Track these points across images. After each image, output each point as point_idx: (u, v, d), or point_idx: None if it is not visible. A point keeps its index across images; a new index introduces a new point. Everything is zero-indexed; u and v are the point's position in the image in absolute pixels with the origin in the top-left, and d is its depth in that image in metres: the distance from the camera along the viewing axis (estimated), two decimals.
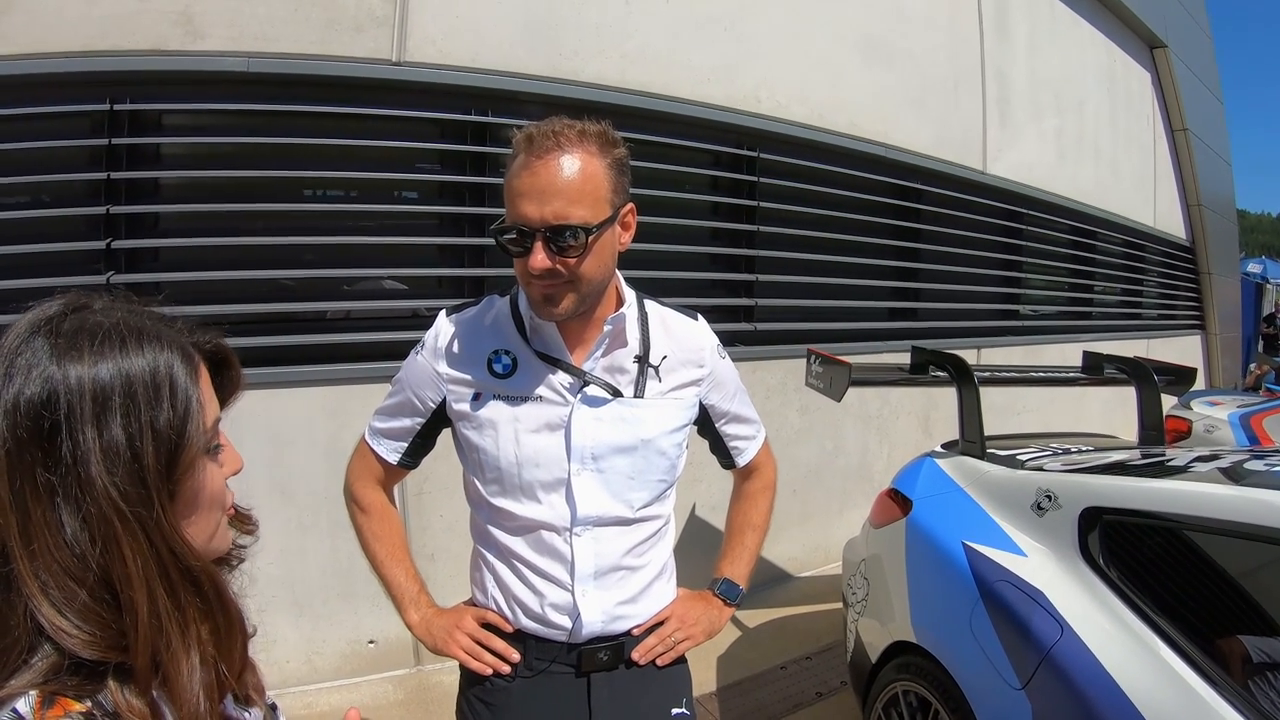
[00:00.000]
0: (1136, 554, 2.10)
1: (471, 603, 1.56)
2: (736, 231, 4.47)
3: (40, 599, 0.68)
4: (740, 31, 4.37)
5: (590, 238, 1.26)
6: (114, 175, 2.90)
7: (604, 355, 1.42)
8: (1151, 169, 9.44)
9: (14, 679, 0.67)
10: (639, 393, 1.44)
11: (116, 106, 2.88)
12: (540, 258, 1.25)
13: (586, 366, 1.41)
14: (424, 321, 3.40)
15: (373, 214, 3.40)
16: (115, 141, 2.90)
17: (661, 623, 1.54)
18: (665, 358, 1.48)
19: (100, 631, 0.69)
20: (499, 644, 1.46)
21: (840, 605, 3.25)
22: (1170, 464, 2.39)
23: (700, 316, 1.58)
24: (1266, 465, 2.18)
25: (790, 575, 4.74)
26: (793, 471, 4.63)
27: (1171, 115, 9.92)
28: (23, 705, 0.66)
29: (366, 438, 1.56)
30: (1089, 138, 7.88)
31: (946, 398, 5.69)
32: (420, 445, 1.54)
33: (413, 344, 1.50)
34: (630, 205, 1.35)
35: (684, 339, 1.52)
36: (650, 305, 1.52)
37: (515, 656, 1.45)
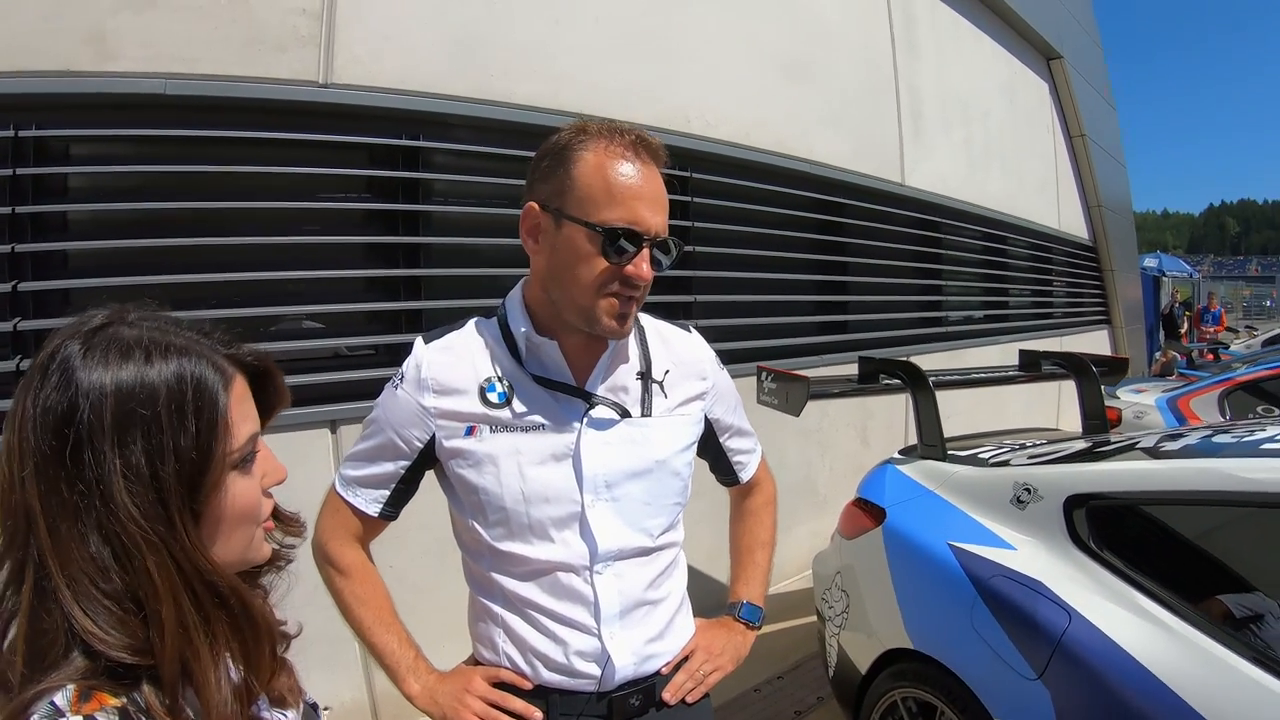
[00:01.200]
0: (1126, 534, 2.19)
1: (475, 661, 1.42)
2: None
3: (74, 606, 0.69)
4: (668, 51, 4.41)
5: (679, 253, 1.27)
6: (19, 209, 2.68)
7: (606, 375, 1.33)
8: (1054, 174, 9.92)
9: (52, 674, 0.68)
10: (646, 411, 1.35)
11: (21, 133, 2.67)
12: (648, 267, 1.21)
13: (589, 388, 1.32)
14: (347, 362, 3.34)
15: (300, 246, 3.23)
16: (20, 172, 2.68)
17: (686, 658, 1.44)
18: (668, 372, 1.40)
19: (131, 639, 0.70)
20: (517, 704, 1.31)
21: (807, 620, 3.24)
22: (1140, 446, 2.48)
23: (693, 328, 1.52)
24: (1234, 438, 2.29)
25: None
26: None
27: (1069, 122, 10.46)
28: (60, 699, 0.67)
29: (338, 489, 1.40)
30: (995, 147, 8.22)
31: (881, 408, 5.91)
32: (404, 492, 1.39)
33: (339, 386, 1.40)
34: None
35: (683, 352, 1.45)
36: (645, 319, 1.45)
37: (537, 716, 1.31)
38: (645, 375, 1.37)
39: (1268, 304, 47.38)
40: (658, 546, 1.37)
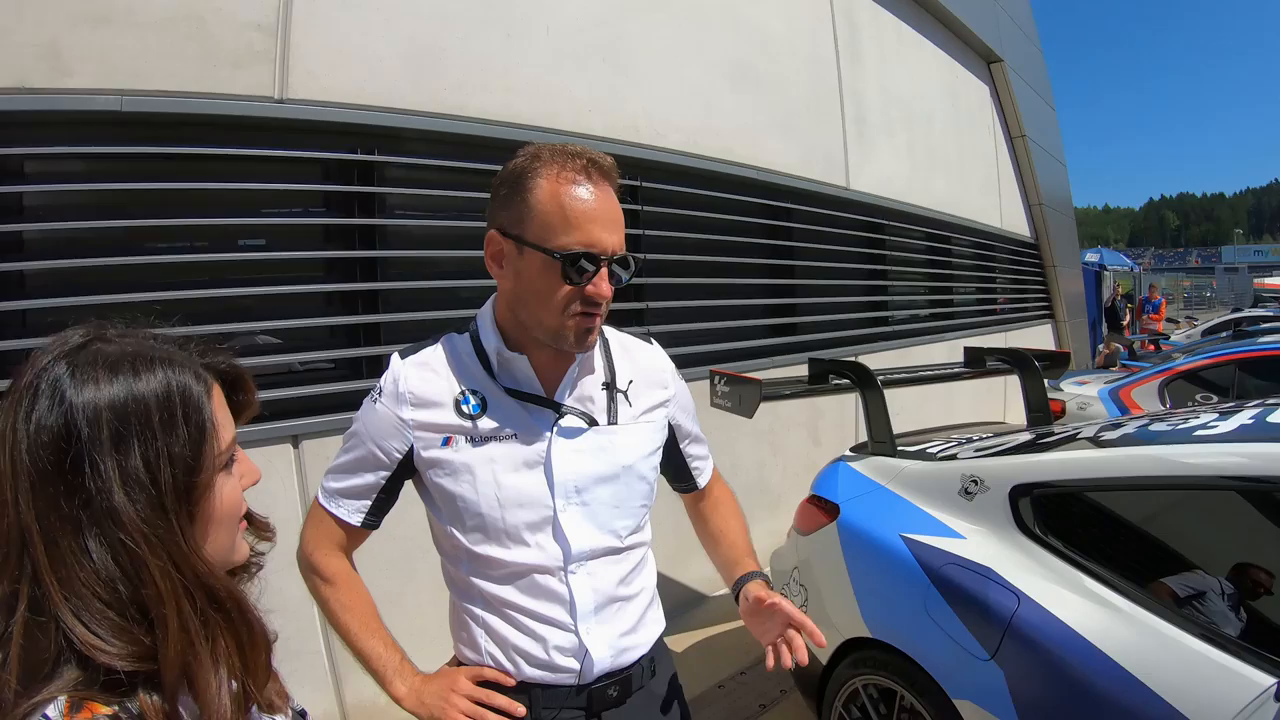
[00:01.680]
0: (1069, 519, 2.32)
1: (458, 662, 1.47)
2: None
3: (72, 621, 0.70)
4: (618, 62, 4.48)
5: (636, 268, 1.32)
6: None
7: (574, 386, 1.40)
8: (995, 174, 10.18)
9: (45, 687, 0.70)
10: (613, 419, 1.42)
11: None
12: (608, 285, 1.27)
13: (557, 398, 1.38)
14: (307, 377, 3.37)
15: (258, 262, 3.23)
16: None
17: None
18: (632, 382, 1.47)
19: (132, 646, 0.72)
20: (501, 700, 1.36)
21: None
22: (1082, 436, 2.62)
23: (654, 340, 1.58)
24: (1170, 425, 2.42)
25: (706, 595, 4.80)
26: None
27: (1010, 123, 10.74)
28: (52, 710, 0.68)
29: (321, 501, 1.44)
30: (938, 149, 8.43)
31: (830, 407, 6.05)
32: (385, 501, 1.44)
33: (300, 401, 1.43)
34: None
35: (645, 362, 1.51)
36: (608, 331, 1.51)
37: (520, 711, 1.35)
38: (610, 385, 1.43)
39: (1208, 294, 48.92)
40: (627, 546, 1.44)
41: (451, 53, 3.70)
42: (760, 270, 5.70)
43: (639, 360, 1.50)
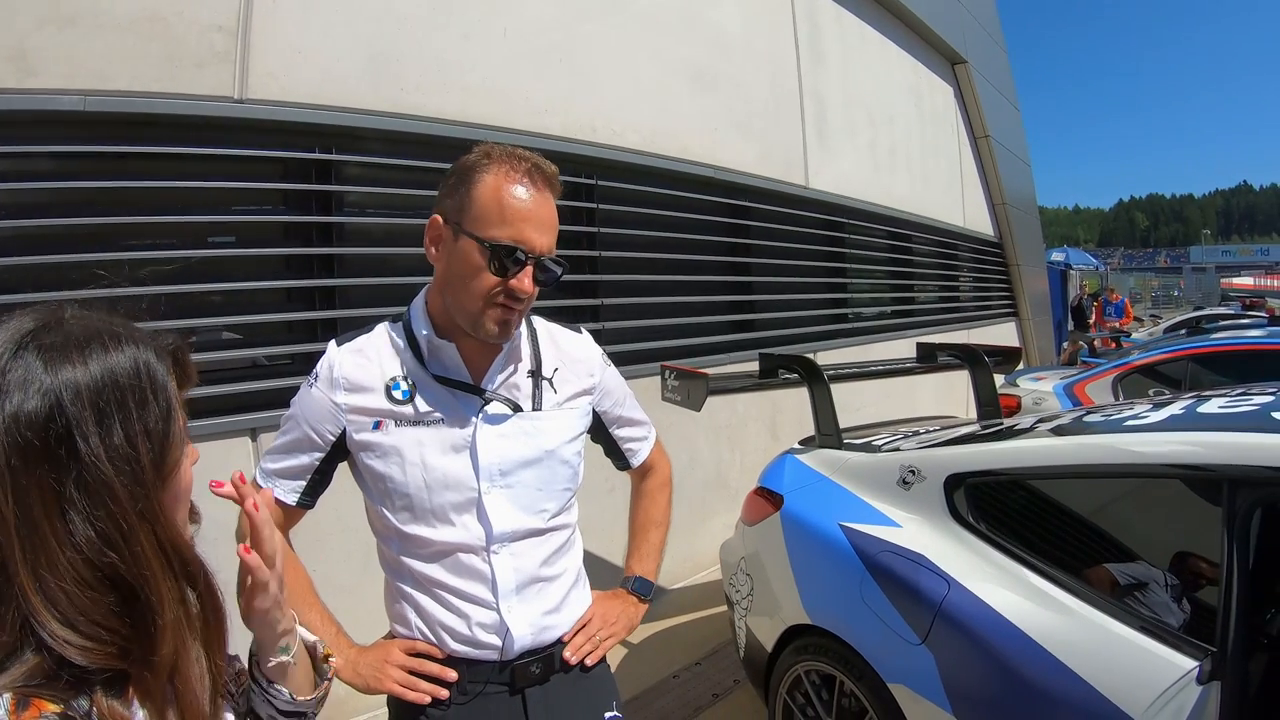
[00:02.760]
0: (1000, 508, 2.39)
1: (391, 637, 1.53)
2: (579, 258, 4.61)
3: (43, 613, 0.69)
4: (575, 63, 4.56)
5: (562, 272, 1.40)
6: None
7: (500, 373, 1.46)
8: (959, 174, 10.34)
9: None
10: (537, 405, 1.49)
11: None
12: (530, 282, 1.34)
13: (484, 385, 1.44)
14: (265, 371, 3.46)
15: (218, 259, 3.29)
16: None
17: (585, 625, 1.58)
18: (557, 370, 1.53)
19: (101, 644, 0.71)
20: (433, 668, 1.43)
21: (722, 609, 3.35)
22: (1017, 429, 2.69)
23: (584, 329, 1.65)
24: (1103, 417, 2.49)
25: (663, 588, 4.80)
26: None
27: (974, 124, 10.91)
28: None
29: (259, 481, 1.49)
30: (901, 149, 8.57)
31: (789, 401, 6.17)
32: (318, 482, 1.50)
33: (258, 395, 1.50)
34: None
35: (572, 351, 1.58)
36: (537, 321, 1.57)
37: (452, 676, 1.43)
38: (536, 373, 1.50)
39: (1175, 294, 49.62)
40: (550, 528, 1.50)
41: (409, 54, 3.76)
42: (718, 267, 5.79)
43: (565, 349, 1.58)
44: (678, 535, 5.05)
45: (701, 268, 5.58)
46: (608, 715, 1.58)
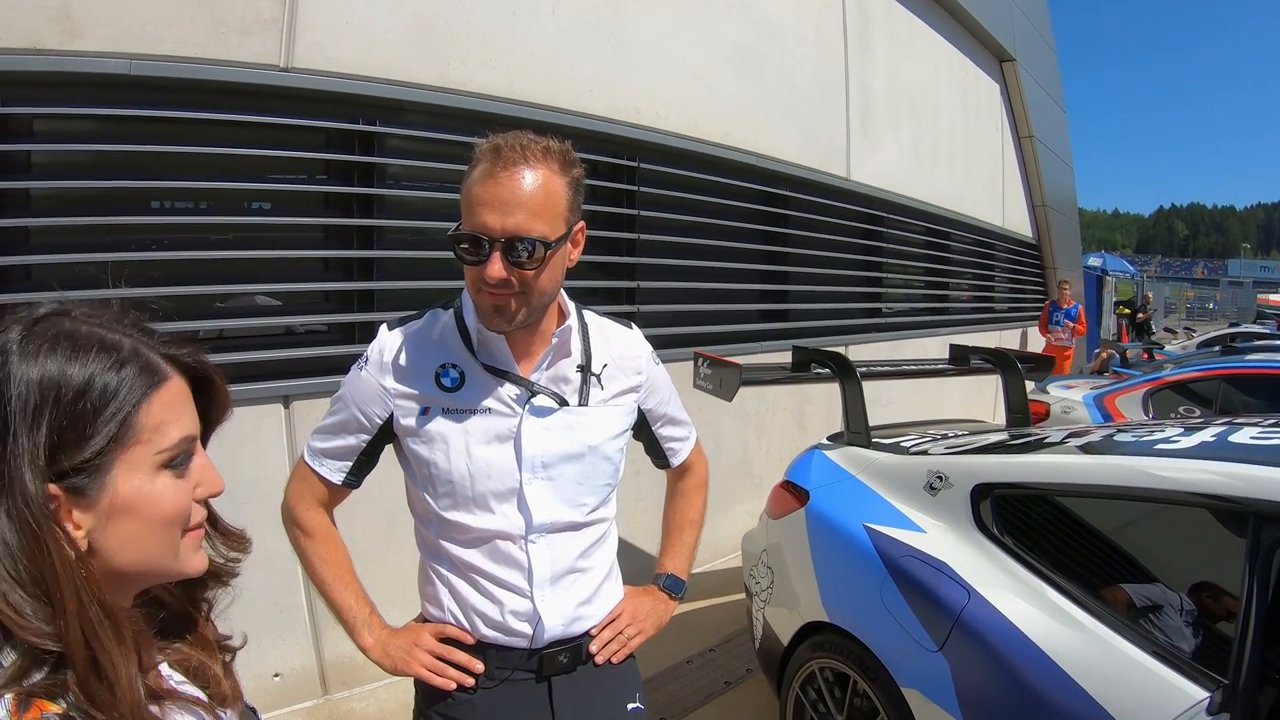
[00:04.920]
0: (1026, 521, 2.36)
1: (423, 619, 1.56)
2: (617, 240, 4.60)
3: None
4: (621, 43, 4.52)
5: (549, 252, 1.30)
6: None
7: (549, 366, 1.45)
8: (1000, 173, 10.20)
9: None
10: (584, 401, 1.48)
11: None
12: (497, 267, 1.28)
13: (533, 377, 1.44)
14: (301, 339, 3.47)
15: (257, 226, 3.31)
16: None
17: (613, 621, 1.58)
18: (606, 366, 1.52)
19: (44, 624, 0.70)
20: (461, 656, 1.45)
21: (739, 597, 3.34)
22: (1047, 441, 2.67)
23: (634, 325, 1.63)
24: (1134, 437, 2.46)
25: None
26: None
27: (1019, 123, 10.74)
28: (0, 709, 0.66)
29: (306, 459, 1.52)
30: (943, 145, 8.46)
31: (819, 393, 6.12)
32: (365, 463, 1.52)
33: (293, 363, 1.50)
34: (581, 223, 1.39)
35: (622, 348, 1.57)
36: (589, 316, 1.56)
37: (479, 667, 1.45)
38: (585, 368, 1.49)
39: (1210, 306, 48.84)
40: (588, 522, 1.51)
41: (457, 28, 3.74)
42: (755, 256, 5.75)
43: (616, 345, 1.56)
44: None
45: (738, 255, 5.54)
46: (630, 706, 1.58)
